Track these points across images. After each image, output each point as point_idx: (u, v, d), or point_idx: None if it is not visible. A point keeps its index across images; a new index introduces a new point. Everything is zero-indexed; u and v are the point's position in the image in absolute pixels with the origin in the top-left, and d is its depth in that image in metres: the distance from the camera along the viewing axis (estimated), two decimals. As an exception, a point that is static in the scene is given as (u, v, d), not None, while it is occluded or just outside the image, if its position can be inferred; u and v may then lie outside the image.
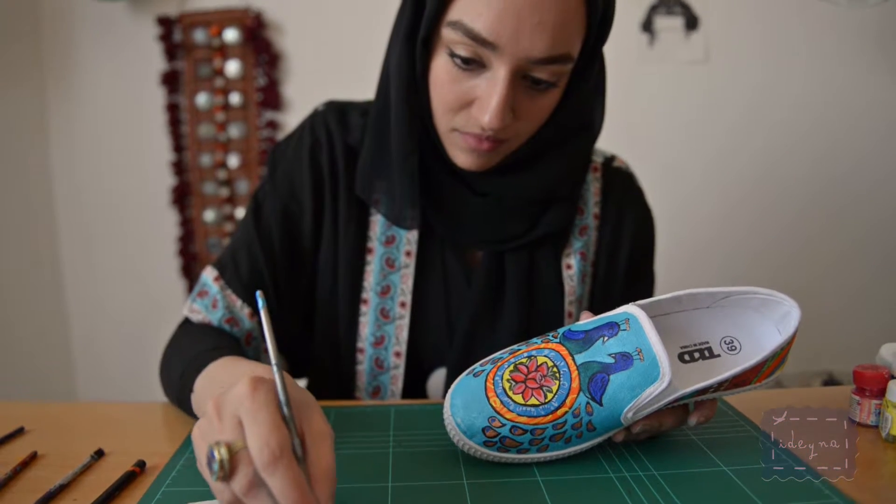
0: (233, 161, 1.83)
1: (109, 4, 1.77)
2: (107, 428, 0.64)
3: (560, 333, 0.56)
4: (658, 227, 0.89)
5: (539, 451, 0.53)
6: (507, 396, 0.53)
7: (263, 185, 0.81)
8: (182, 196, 1.87)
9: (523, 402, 0.52)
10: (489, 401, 0.53)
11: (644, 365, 0.50)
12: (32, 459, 0.56)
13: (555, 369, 0.53)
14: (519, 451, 0.53)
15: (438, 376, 0.80)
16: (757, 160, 1.78)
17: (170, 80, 1.81)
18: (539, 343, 0.56)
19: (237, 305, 0.75)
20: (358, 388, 0.79)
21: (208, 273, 0.78)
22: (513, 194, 0.76)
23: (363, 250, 0.78)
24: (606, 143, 0.90)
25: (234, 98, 1.80)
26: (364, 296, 0.78)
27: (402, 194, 0.73)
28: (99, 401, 0.72)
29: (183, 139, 1.85)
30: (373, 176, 0.76)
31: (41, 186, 1.90)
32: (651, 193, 0.88)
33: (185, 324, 0.77)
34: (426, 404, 0.68)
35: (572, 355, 0.53)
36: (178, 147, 1.85)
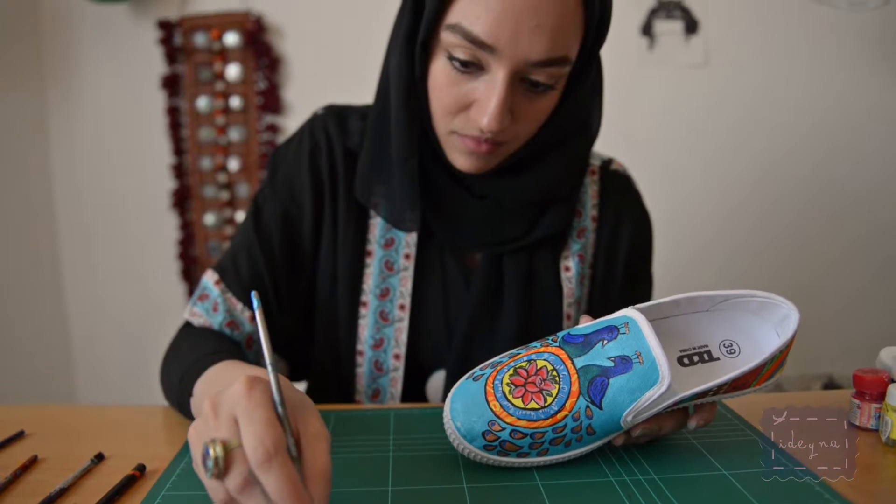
0: (233, 164, 1.84)
1: (110, 7, 1.77)
2: (107, 431, 0.64)
3: (559, 337, 0.56)
4: (657, 229, 0.89)
5: (539, 455, 0.53)
6: (507, 400, 0.53)
7: (263, 189, 0.81)
8: (182, 199, 1.87)
9: (523, 406, 0.52)
10: (489, 405, 0.53)
11: (643, 368, 0.50)
12: (33, 463, 0.56)
13: (554, 373, 0.53)
14: (519, 455, 0.53)
15: (437, 378, 0.80)
16: (756, 163, 1.78)
17: (170, 84, 1.81)
18: (538, 347, 0.56)
19: (238, 309, 0.75)
20: (357, 391, 0.79)
21: (209, 276, 0.78)
22: (512, 196, 0.76)
23: (362, 253, 0.78)
24: (606, 146, 0.90)
25: (235, 101, 1.80)
26: (363, 298, 0.78)
27: (402, 197, 0.73)
28: (99, 404, 0.72)
29: (183, 142, 1.85)
30: (372, 179, 0.76)
31: (41, 189, 1.91)
32: (651, 196, 0.88)
33: (186, 327, 0.77)
34: (426, 408, 0.68)
35: (572, 359, 0.53)
36: (179, 150, 1.85)
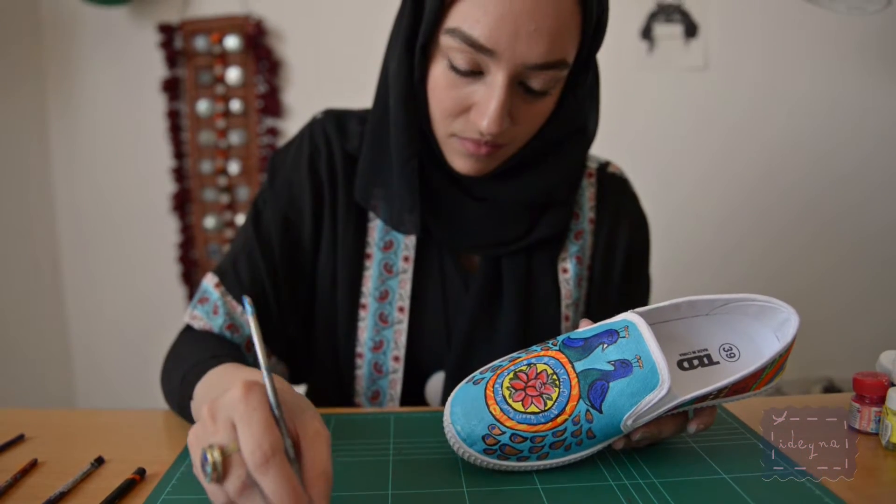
0: (233, 168, 1.84)
1: (110, 11, 1.77)
2: (107, 435, 0.64)
3: (559, 341, 0.56)
4: (656, 232, 0.89)
5: (539, 459, 0.53)
6: (507, 404, 0.53)
7: (263, 193, 0.81)
8: (182, 203, 1.87)
9: (523, 410, 0.52)
10: (489, 409, 0.53)
11: (643, 372, 0.50)
12: (33, 467, 0.56)
13: (554, 377, 0.53)
14: (519, 459, 0.53)
15: (437, 380, 0.80)
16: (755, 165, 1.78)
17: (171, 87, 1.81)
18: (539, 351, 0.56)
19: (238, 311, 0.75)
20: (357, 393, 0.79)
21: (209, 280, 0.78)
22: (511, 199, 0.76)
23: (362, 256, 0.78)
24: (606, 149, 0.90)
25: (235, 105, 1.81)
26: (363, 301, 0.78)
27: (401, 200, 0.74)
28: (99, 408, 0.72)
29: (183, 146, 1.85)
30: (372, 181, 0.76)
31: (42, 192, 1.91)
32: (650, 198, 0.88)
33: (186, 331, 0.77)
34: (426, 412, 0.68)
35: (572, 363, 0.53)
36: (179, 154, 1.85)
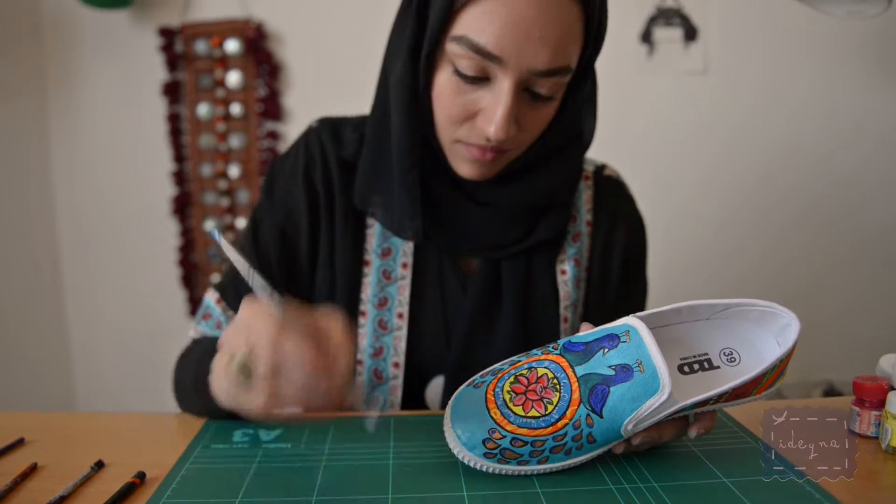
0: (233, 171, 1.84)
1: (111, 14, 1.77)
2: (107, 439, 0.64)
3: (560, 345, 0.56)
4: (656, 234, 0.90)
5: (539, 463, 0.53)
6: (508, 408, 0.53)
7: (261, 206, 0.82)
8: (182, 206, 1.87)
9: (524, 414, 0.52)
10: (489, 412, 0.53)
11: (644, 377, 0.50)
12: (32, 471, 0.56)
13: (555, 381, 0.53)
14: (519, 463, 0.53)
15: (436, 384, 0.80)
16: (755, 168, 1.78)
17: (171, 91, 1.81)
18: (539, 354, 0.56)
19: None
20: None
21: (210, 295, 0.80)
22: (513, 202, 0.76)
23: (360, 263, 0.78)
24: (606, 152, 0.91)
25: (235, 108, 1.81)
26: (362, 308, 0.78)
27: (403, 207, 0.74)
28: (99, 411, 0.72)
29: (184, 149, 1.85)
30: (371, 188, 0.76)
31: (42, 195, 1.91)
32: (650, 201, 0.89)
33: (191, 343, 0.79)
34: (426, 415, 0.68)
35: (573, 367, 0.53)
36: (179, 157, 1.85)
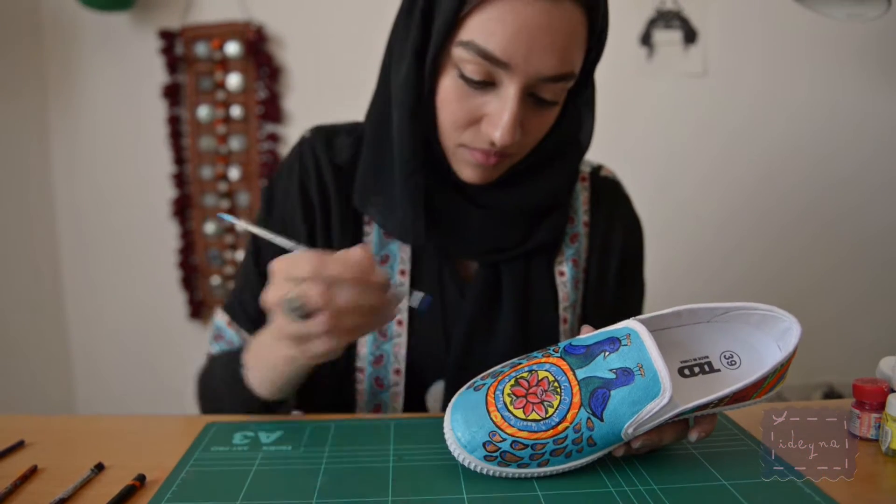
0: (233, 173, 1.84)
1: (111, 17, 1.78)
2: (107, 441, 0.64)
3: (561, 348, 0.56)
4: (656, 236, 0.90)
5: (539, 466, 0.53)
6: (508, 411, 0.53)
7: (261, 225, 0.82)
8: (183, 208, 1.87)
9: (524, 417, 0.52)
10: (490, 415, 0.53)
11: (645, 380, 0.50)
12: (32, 473, 0.56)
13: (556, 384, 0.53)
14: (519, 466, 0.53)
15: (437, 389, 0.80)
16: (754, 171, 1.78)
17: (171, 93, 1.81)
18: (540, 357, 0.56)
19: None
20: (359, 408, 0.79)
21: (220, 317, 0.82)
22: (513, 206, 0.77)
23: None
24: (605, 154, 0.91)
25: (235, 111, 1.81)
26: None
27: (404, 212, 0.73)
28: (99, 414, 0.72)
29: (184, 151, 1.85)
30: (372, 190, 0.76)
31: (42, 197, 1.91)
32: (649, 203, 0.89)
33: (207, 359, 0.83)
34: (426, 418, 0.68)
35: (573, 370, 0.53)
36: (179, 159, 1.85)
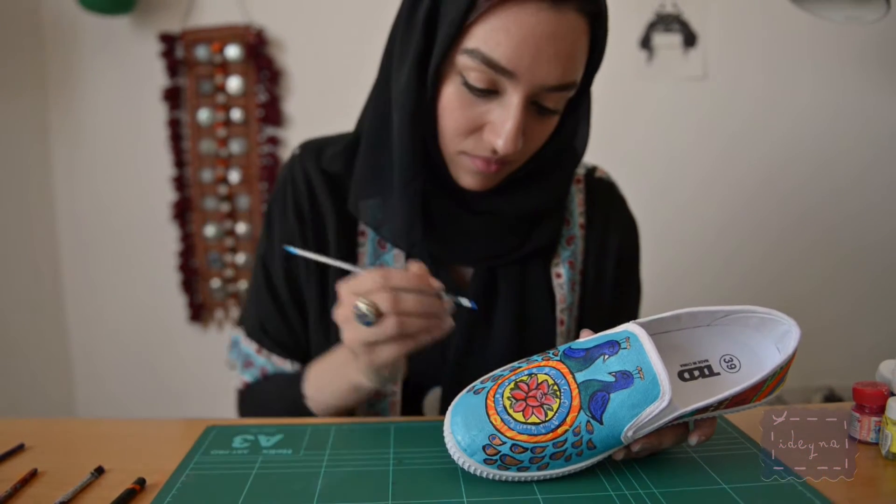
0: (234, 176, 1.84)
1: (112, 20, 1.78)
2: (107, 445, 0.64)
3: (560, 351, 0.56)
4: (656, 239, 0.90)
5: (539, 470, 0.53)
6: (508, 414, 0.53)
7: (267, 249, 0.83)
8: (183, 211, 1.87)
9: (524, 420, 0.52)
10: (490, 419, 0.53)
11: (644, 384, 0.50)
12: (32, 477, 0.56)
13: (555, 387, 0.53)
14: (519, 470, 0.53)
15: (434, 396, 0.80)
16: (754, 174, 1.79)
17: (171, 96, 1.82)
18: (539, 361, 0.56)
19: (287, 365, 0.81)
20: (358, 417, 0.79)
21: (247, 344, 0.83)
22: (510, 212, 0.77)
23: None
24: (605, 157, 0.91)
25: (236, 114, 1.81)
26: None
27: (403, 216, 0.73)
28: (99, 417, 0.72)
29: (184, 155, 1.86)
30: (368, 195, 0.76)
31: (42, 200, 1.91)
32: (649, 206, 0.89)
33: (246, 388, 0.83)
34: (426, 421, 0.68)
35: (573, 373, 0.53)
36: (180, 162, 1.85)
